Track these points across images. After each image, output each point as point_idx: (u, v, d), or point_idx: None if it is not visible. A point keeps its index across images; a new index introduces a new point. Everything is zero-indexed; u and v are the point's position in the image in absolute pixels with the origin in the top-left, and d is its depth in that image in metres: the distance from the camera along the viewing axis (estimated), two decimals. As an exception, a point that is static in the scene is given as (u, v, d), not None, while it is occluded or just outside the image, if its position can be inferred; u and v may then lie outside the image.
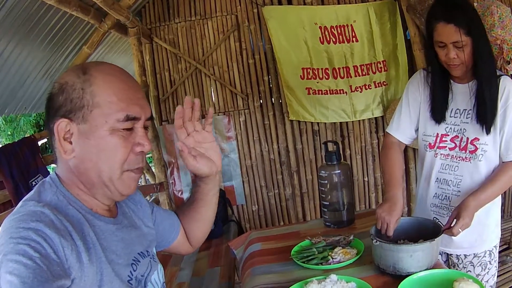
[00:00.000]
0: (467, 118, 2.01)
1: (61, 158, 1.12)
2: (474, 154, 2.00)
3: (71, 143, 1.09)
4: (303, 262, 1.84)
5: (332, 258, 1.84)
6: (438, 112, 2.06)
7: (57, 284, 0.91)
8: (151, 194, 5.10)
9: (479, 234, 2.07)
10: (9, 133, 11.94)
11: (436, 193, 2.14)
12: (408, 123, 2.18)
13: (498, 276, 2.73)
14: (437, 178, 2.12)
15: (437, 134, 2.09)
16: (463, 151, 2.03)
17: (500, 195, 2.07)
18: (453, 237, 1.84)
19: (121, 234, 1.19)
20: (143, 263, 1.23)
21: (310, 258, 1.87)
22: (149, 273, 1.25)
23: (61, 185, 1.13)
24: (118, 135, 1.10)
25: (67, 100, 1.08)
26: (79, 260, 1.00)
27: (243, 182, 4.99)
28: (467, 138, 2.01)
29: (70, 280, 0.96)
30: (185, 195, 4.95)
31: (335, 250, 1.89)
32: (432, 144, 2.11)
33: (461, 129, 2.03)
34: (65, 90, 1.09)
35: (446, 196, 2.10)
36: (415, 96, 2.15)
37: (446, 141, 2.07)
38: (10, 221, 0.98)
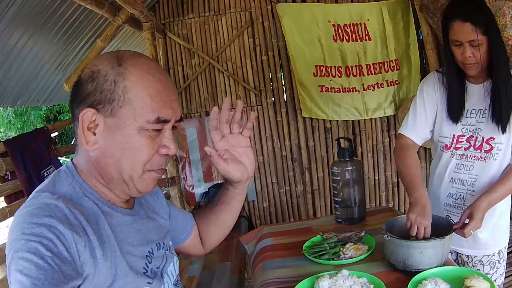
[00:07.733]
0: (482, 117, 2.01)
1: (82, 147, 1.08)
2: (489, 153, 2.00)
3: (95, 134, 1.06)
4: (315, 257, 1.85)
5: (344, 254, 1.85)
6: (455, 112, 2.06)
7: (68, 286, 0.89)
8: (162, 188, 5.12)
9: (492, 236, 2.09)
10: (19, 126, 12.04)
11: (450, 193, 2.15)
12: (424, 123, 2.17)
13: (506, 277, 2.73)
14: (452, 178, 2.13)
15: (454, 135, 2.09)
16: (478, 151, 2.03)
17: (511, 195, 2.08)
18: (465, 238, 1.84)
19: (137, 225, 1.18)
20: (158, 255, 1.22)
21: (321, 253, 1.88)
22: (165, 265, 1.24)
23: (78, 175, 1.10)
24: (146, 135, 1.06)
25: (96, 90, 1.04)
26: (92, 255, 0.98)
27: (254, 178, 4.97)
28: (483, 138, 2.01)
29: (82, 279, 0.95)
30: (196, 190, 4.96)
31: (347, 246, 1.89)
32: (448, 146, 2.11)
33: (476, 129, 2.03)
34: (96, 79, 1.04)
35: (460, 195, 2.11)
36: (431, 97, 2.14)
37: (462, 141, 2.07)
38: (23, 215, 0.96)
